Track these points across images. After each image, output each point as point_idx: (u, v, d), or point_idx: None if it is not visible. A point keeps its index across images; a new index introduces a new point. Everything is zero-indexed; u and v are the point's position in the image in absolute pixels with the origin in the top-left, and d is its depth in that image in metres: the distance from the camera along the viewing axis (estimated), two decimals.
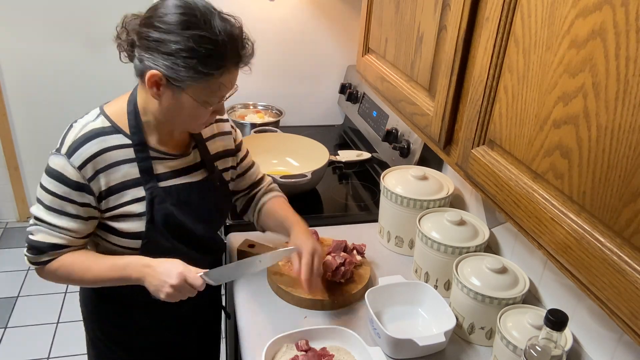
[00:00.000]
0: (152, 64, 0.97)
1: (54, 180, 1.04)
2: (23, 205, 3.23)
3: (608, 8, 0.58)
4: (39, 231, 1.08)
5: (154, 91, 1.00)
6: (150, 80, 0.98)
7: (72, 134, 1.05)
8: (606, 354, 1.04)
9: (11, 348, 2.35)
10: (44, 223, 1.07)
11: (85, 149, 1.03)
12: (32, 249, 1.09)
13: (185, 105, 1.01)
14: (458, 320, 1.18)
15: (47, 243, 1.07)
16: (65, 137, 1.05)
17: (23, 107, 3.02)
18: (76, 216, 1.06)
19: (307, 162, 1.77)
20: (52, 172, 1.04)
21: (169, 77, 0.97)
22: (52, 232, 1.07)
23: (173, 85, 0.99)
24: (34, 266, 1.12)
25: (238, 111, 2.24)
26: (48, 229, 1.07)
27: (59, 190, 1.04)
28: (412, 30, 1.11)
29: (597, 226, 0.63)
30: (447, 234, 1.28)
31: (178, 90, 0.99)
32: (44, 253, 1.08)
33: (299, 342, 1.10)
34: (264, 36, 2.19)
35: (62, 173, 1.03)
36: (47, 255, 1.09)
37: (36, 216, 1.08)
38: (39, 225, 1.08)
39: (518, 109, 0.76)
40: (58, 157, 1.04)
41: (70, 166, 1.02)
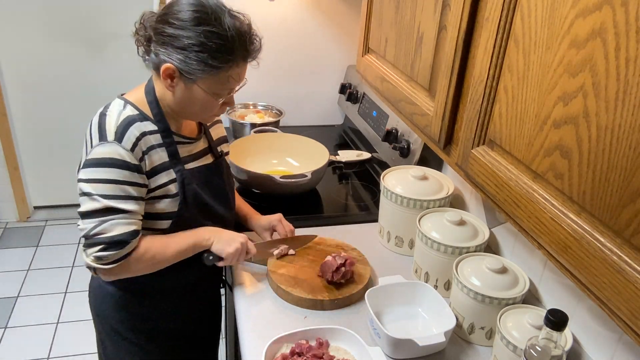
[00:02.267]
0: (167, 57, 1.05)
1: (109, 167, 1.05)
2: (23, 205, 3.23)
3: (608, 8, 0.58)
4: (115, 224, 1.07)
5: (168, 83, 1.09)
6: (165, 73, 1.06)
7: (111, 122, 1.08)
8: (606, 354, 1.04)
9: (11, 348, 2.35)
10: (115, 213, 1.06)
11: (130, 133, 1.08)
12: (115, 246, 1.07)
13: (196, 96, 1.10)
14: (458, 320, 1.18)
15: (128, 232, 1.08)
16: (104, 126, 1.07)
17: (23, 107, 3.02)
18: (139, 198, 1.10)
19: (307, 162, 1.77)
20: (103, 161, 1.05)
21: (181, 70, 1.05)
22: (128, 220, 1.08)
23: (185, 78, 1.07)
24: (113, 265, 1.08)
25: (238, 111, 2.24)
26: (123, 218, 1.07)
27: (118, 175, 1.06)
28: (412, 30, 1.11)
29: (597, 226, 0.63)
30: (447, 234, 1.28)
31: (190, 82, 1.08)
32: (129, 243, 1.08)
33: (298, 342, 1.10)
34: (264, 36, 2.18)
35: (117, 158, 1.06)
36: (130, 246, 1.09)
37: (98, 209, 1.06)
38: (109, 218, 1.06)
39: (518, 109, 0.76)
40: (106, 145, 1.06)
41: (123, 149, 1.06)
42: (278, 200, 1.67)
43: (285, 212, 1.61)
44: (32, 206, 3.33)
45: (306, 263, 1.37)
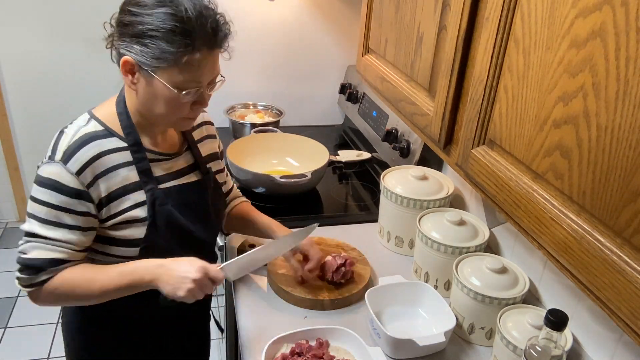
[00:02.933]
0: (125, 50, 0.95)
1: (49, 189, 0.97)
2: (23, 205, 3.23)
3: (608, 8, 0.58)
4: (34, 248, 1.00)
5: (129, 80, 0.98)
6: (124, 68, 0.96)
7: (64, 140, 0.99)
8: (606, 354, 1.04)
9: (11, 348, 2.35)
10: (39, 238, 0.99)
11: (81, 154, 0.98)
12: (28, 269, 1.00)
13: (159, 92, 0.97)
14: (458, 320, 1.18)
15: (45, 259, 0.99)
16: (58, 143, 0.99)
17: (23, 107, 3.02)
18: (75, 227, 0.99)
19: (307, 162, 1.77)
20: (45, 181, 0.97)
21: (139, 61, 0.94)
22: (49, 247, 0.99)
23: (145, 71, 0.95)
24: (28, 289, 1.02)
25: (238, 111, 2.24)
26: (44, 244, 0.99)
27: (54, 200, 0.97)
28: (412, 30, 1.11)
29: (597, 226, 0.63)
30: (447, 234, 1.28)
31: (150, 76, 0.96)
32: (42, 271, 1.00)
33: (298, 342, 1.10)
34: (264, 36, 2.19)
35: (57, 181, 0.96)
36: (45, 273, 1.00)
37: (29, 232, 1.00)
38: (33, 241, 1.00)
39: (518, 109, 0.76)
40: (52, 165, 0.97)
41: (67, 172, 0.96)
42: (278, 200, 1.67)
43: (285, 212, 1.62)
44: None
45: None
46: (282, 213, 1.61)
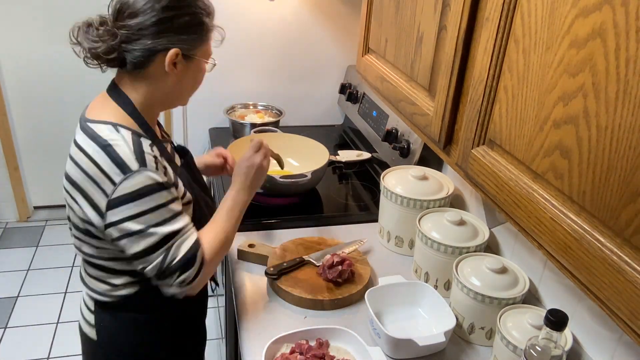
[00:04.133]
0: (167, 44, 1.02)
1: (150, 195, 0.99)
2: (23, 205, 3.23)
3: (608, 8, 0.58)
4: (179, 246, 1.03)
5: (172, 70, 1.04)
6: (171, 60, 1.03)
7: (122, 150, 0.99)
8: (606, 354, 1.04)
9: (11, 348, 2.36)
10: (173, 237, 1.03)
11: (147, 153, 1.01)
12: (190, 262, 1.04)
13: (197, 70, 1.10)
14: (458, 320, 1.18)
15: (192, 246, 1.04)
16: (119, 158, 0.98)
17: (23, 107, 3.02)
18: (181, 212, 1.06)
19: (307, 162, 1.77)
20: (140, 191, 0.98)
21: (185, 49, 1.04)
22: (185, 235, 1.04)
23: (186, 56, 1.05)
24: (200, 275, 1.06)
25: (238, 111, 2.24)
26: (180, 236, 1.04)
27: (160, 199, 1.01)
28: (412, 30, 1.11)
29: (597, 226, 0.63)
30: (447, 234, 1.28)
31: (190, 59, 1.06)
32: (198, 252, 1.05)
33: (298, 342, 1.10)
34: (264, 36, 2.19)
35: (149, 184, 0.99)
36: (201, 253, 1.06)
37: (158, 242, 1.01)
38: (171, 242, 1.03)
39: (518, 109, 0.76)
40: (134, 175, 0.98)
41: (150, 172, 0.99)
42: (278, 201, 1.67)
43: (285, 212, 1.62)
44: (32, 206, 3.33)
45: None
46: (282, 213, 1.62)
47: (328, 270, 1.28)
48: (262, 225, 1.57)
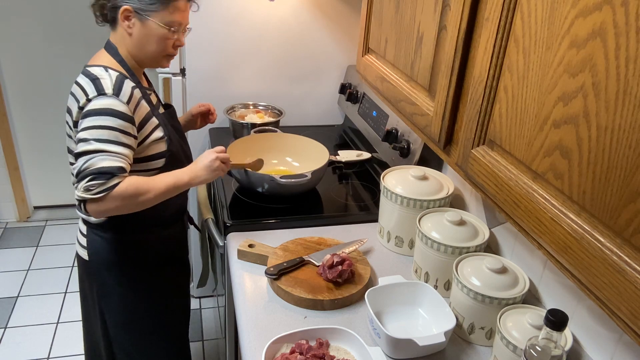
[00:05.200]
0: (122, 2, 1.26)
1: (108, 116, 1.20)
2: (23, 205, 3.23)
3: (608, 8, 0.58)
4: (102, 159, 1.18)
5: (126, 25, 1.29)
6: (123, 15, 1.27)
7: (106, 81, 1.24)
8: (606, 354, 1.04)
9: (11, 348, 2.35)
10: (104, 152, 1.18)
11: (125, 89, 1.25)
12: (102, 175, 1.17)
13: (153, 32, 1.30)
14: (458, 320, 1.18)
15: (115, 166, 1.19)
16: (100, 85, 1.23)
17: (23, 107, 3.02)
18: (128, 145, 1.23)
19: (307, 162, 1.77)
20: (103, 110, 1.20)
21: (136, 8, 1.27)
22: (115, 158, 1.19)
23: (140, 15, 1.28)
24: (99, 194, 1.17)
25: (238, 111, 2.24)
26: (111, 156, 1.19)
27: (114, 123, 1.20)
28: (412, 30, 1.11)
29: (597, 226, 0.63)
30: (447, 234, 1.28)
31: (145, 19, 1.28)
32: (115, 176, 1.18)
33: (298, 342, 1.10)
34: (264, 36, 2.19)
35: (114, 109, 1.21)
36: (117, 178, 1.19)
37: (90, 150, 1.18)
38: (99, 155, 1.18)
39: (518, 109, 0.76)
40: (106, 97, 1.21)
41: (120, 102, 1.23)
42: (278, 200, 1.67)
43: (285, 212, 1.62)
44: (32, 206, 3.33)
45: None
46: (282, 213, 1.62)
47: (328, 270, 1.28)
48: (262, 225, 1.57)
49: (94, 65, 1.30)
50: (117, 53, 1.33)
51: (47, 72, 2.96)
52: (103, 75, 1.25)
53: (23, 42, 2.87)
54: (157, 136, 1.34)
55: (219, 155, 1.37)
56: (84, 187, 1.18)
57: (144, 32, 1.30)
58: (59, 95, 3.02)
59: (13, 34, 2.84)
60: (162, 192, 1.28)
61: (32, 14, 2.82)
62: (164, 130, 1.36)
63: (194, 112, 1.71)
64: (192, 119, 1.72)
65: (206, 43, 2.10)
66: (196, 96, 2.22)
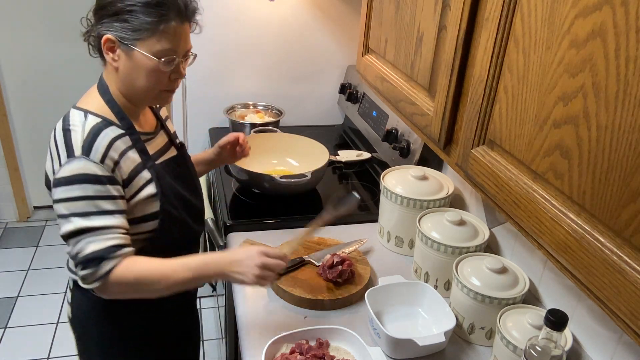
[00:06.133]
0: (105, 30, 1.04)
1: (81, 184, 1.00)
2: (23, 205, 3.23)
3: (608, 8, 0.58)
4: (88, 243, 1.01)
5: (110, 57, 1.06)
6: (106, 46, 1.05)
7: (76, 136, 1.03)
8: (606, 354, 1.04)
9: (11, 348, 2.36)
10: (87, 232, 1.01)
11: (98, 144, 1.03)
12: (91, 262, 1.01)
13: (140, 63, 1.05)
14: (458, 320, 1.18)
15: (104, 248, 1.01)
16: (70, 142, 1.03)
17: (23, 107, 3.02)
18: (115, 211, 1.03)
19: (307, 162, 1.77)
20: (74, 178, 1.00)
21: (119, 37, 1.03)
22: (102, 236, 1.01)
23: (125, 45, 1.04)
24: (96, 283, 1.02)
25: (238, 111, 2.24)
26: (96, 235, 1.01)
27: (90, 191, 1.01)
28: (412, 30, 1.11)
29: (597, 226, 0.63)
30: (447, 234, 1.28)
31: (130, 49, 1.04)
32: (105, 259, 1.01)
33: (298, 342, 1.10)
34: (264, 36, 2.18)
35: (86, 173, 1.01)
36: (108, 261, 1.01)
37: (73, 230, 1.00)
38: (84, 237, 1.01)
39: (518, 109, 0.76)
40: (74, 161, 1.01)
41: (92, 163, 1.01)
42: (278, 200, 1.67)
43: (285, 212, 1.62)
44: (32, 206, 3.33)
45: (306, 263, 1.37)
46: (282, 213, 1.62)
47: (328, 270, 1.28)
48: (262, 225, 1.57)
49: (76, 107, 1.10)
50: (107, 91, 1.11)
51: (47, 72, 2.96)
52: (76, 124, 1.05)
53: (23, 42, 2.87)
54: (149, 193, 1.11)
55: (268, 261, 1.05)
56: (81, 278, 1.03)
57: (130, 64, 1.06)
58: (59, 95, 3.02)
59: (13, 34, 2.84)
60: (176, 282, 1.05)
61: (32, 14, 2.81)
62: (156, 186, 1.12)
63: (222, 143, 1.45)
64: (219, 152, 1.46)
65: (206, 43, 2.10)
66: (196, 96, 2.22)
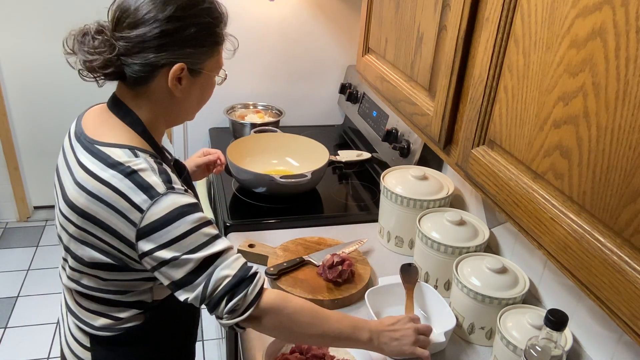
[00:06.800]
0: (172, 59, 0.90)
1: (182, 218, 0.87)
2: (23, 205, 3.23)
3: (608, 8, 0.58)
4: (222, 268, 0.89)
5: (173, 84, 0.92)
6: (175, 75, 0.92)
7: (148, 174, 0.88)
8: (606, 354, 1.04)
9: (11, 348, 2.36)
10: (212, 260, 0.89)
11: (173, 176, 0.92)
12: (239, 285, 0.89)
13: (205, 84, 0.99)
14: (458, 320, 1.18)
15: (241, 266, 0.91)
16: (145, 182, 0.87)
17: (23, 107, 3.02)
18: (218, 235, 0.93)
19: (307, 162, 1.77)
20: (172, 215, 0.86)
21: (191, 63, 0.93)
22: (231, 258, 0.91)
23: (193, 71, 0.94)
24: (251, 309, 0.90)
25: (238, 111, 2.24)
26: (225, 260, 0.90)
27: (193, 222, 0.88)
28: (412, 30, 1.11)
29: (597, 226, 0.63)
30: (447, 234, 1.28)
31: (197, 73, 0.95)
32: (249, 274, 0.91)
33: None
34: (264, 36, 2.18)
35: (181, 206, 0.87)
36: (255, 278, 0.91)
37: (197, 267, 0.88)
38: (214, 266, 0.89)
39: (518, 109, 0.76)
40: (163, 198, 0.87)
41: (181, 195, 0.89)
42: (278, 200, 1.67)
43: (285, 212, 1.62)
44: (32, 206, 3.33)
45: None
46: (282, 213, 1.62)
47: (328, 270, 1.28)
48: (262, 225, 1.57)
49: (110, 144, 0.91)
50: (139, 122, 0.95)
51: (47, 72, 2.96)
52: (138, 163, 0.88)
53: (23, 42, 2.87)
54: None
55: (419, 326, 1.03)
56: (227, 313, 0.89)
57: (194, 88, 0.96)
58: (59, 96, 3.02)
59: (13, 34, 2.84)
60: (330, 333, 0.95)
61: (32, 14, 2.82)
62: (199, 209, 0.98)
63: (200, 162, 1.37)
64: (194, 170, 1.37)
65: None
66: None
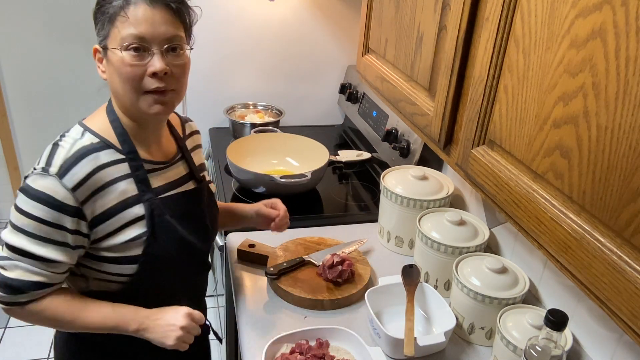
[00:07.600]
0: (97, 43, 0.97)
1: (41, 204, 0.90)
2: None
3: (608, 8, 0.58)
4: (17, 267, 0.93)
5: (100, 70, 0.98)
6: (95, 58, 0.98)
7: (60, 153, 0.93)
8: (606, 354, 1.04)
9: (11, 348, 2.35)
10: (24, 257, 0.93)
11: (78, 169, 0.92)
12: (7, 288, 0.94)
13: (115, 63, 0.93)
14: (458, 320, 1.18)
15: (27, 281, 0.94)
16: (53, 156, 0.93)
17: (23, 107, 3.02)
18: (64, 244, 0.94)
19: (307, 162, 1.77)
20: (38, 194, 0.90)
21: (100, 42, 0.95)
22: (33, 268, 0.93)
23: (103, 50, 0.95)
24: (5, 306, 0.96)
25: (238, 111, 2.24)
26: (29, 264, 0.93)
27: (47, 215, 0.91)
28: (412, 30, 1.11)
29: (597, 226, 0.63)
30: (447, 234, 1.28)
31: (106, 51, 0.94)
32: (22, 293, 0.94)
33: (298, 342, 1.10)
34: (264, 36, 2.19)
35: (51, 196, 0.90)
36: (26, 296, 0.95)
37: (14, 246, 0.92)
38: (17, 259, 0.93)
39: (518, 109, 0.76)
40: (46, 178, 0.91)
41: (62, 188, 0.91)
42: None
43: None
44: None
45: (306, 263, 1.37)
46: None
47: (328, 270, 1.28)
48: None
49: (80, 123, 1.01)
50: (113, 111, 1.01)
51: (47, 72, 2.96)
52: (67, 141, 0.95)
53: (23, 42, 2.87)
54: (136, 233, 0.98)
55: (188, 326, 0.99)
56: None
57: (111, 69, 0.95)
58: (59, 95, 3.02)
59: (13, 34, 2.84)
60: (92, 328, 0.99)
61: (32, 14, 2.81)
62: (147, 224, 0.99)
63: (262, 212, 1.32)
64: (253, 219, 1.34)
65: (206, 43, 2.10)
66: (196, 96, 2.22)
